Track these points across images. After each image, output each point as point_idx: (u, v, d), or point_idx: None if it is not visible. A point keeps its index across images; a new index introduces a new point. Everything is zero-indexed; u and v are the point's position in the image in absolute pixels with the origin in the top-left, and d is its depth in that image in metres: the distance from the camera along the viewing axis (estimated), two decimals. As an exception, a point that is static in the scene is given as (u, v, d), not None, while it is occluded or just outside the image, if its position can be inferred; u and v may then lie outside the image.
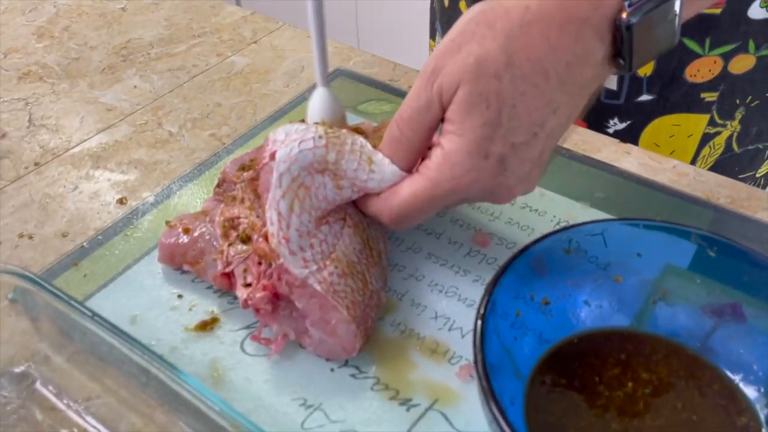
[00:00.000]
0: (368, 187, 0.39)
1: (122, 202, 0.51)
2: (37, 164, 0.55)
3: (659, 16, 0.35)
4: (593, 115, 0.64)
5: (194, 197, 0.50)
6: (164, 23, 0.73)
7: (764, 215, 0.47)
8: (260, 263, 0.39)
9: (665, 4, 0.34)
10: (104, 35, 0.71)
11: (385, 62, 0.65)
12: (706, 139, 0.62)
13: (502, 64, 0.34)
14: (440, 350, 0.40)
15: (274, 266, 0.38)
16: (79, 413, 0.37)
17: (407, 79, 0.62)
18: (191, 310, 0.42)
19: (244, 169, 0.44)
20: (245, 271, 0.40)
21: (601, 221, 0.38)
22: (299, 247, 0.38)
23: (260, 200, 0.40)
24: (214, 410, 0.32)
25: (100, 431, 0.36)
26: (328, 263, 0.38)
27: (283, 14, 0.86)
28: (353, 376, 0.39)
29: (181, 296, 0.43)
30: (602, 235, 0.38)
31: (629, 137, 0.54)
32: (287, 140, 0.39)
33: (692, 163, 0.63)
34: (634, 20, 0.33)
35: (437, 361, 0.39)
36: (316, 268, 0.38)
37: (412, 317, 0.42)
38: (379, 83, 0.61)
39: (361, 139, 0.40)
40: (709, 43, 0.56)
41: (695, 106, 0.60)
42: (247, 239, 0.40)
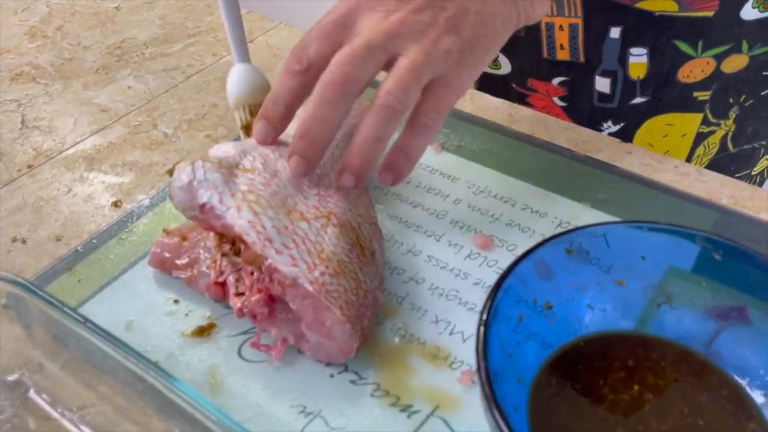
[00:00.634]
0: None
1: (117, 205, 0.50)
2: (30, 167, 0.54)
3: None
4: (587, 118, 0.63)
5: (190, 200, 0.50)
6: (159, 22, 0.72)
7: (768, 215, 0.47)
8: (252, 273, 0.38)
9: None
10: (98, 35, 0.70)
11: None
12: (700, 138, 0.62)
13: None
14: (441, 355, 0.39)
15: (263, 269, 0.37)
16: (73, 422, 0.36)
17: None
18: (188, 315, 0.42)
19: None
20: (238, 280, 0.39)
21: (603, 224, 0.38)
22: (283, 244, 0.38)
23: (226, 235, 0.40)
24: (211, 419, 0.31)
25: (95, 440, 0.35)
26: (318, 263, 0.38)
27: (279, 13, 0.85)
28: (353, 382, 0.38)
29: (177, 301, 0.42)
30: (605, 237, 0.37)
31: (623, 138, 0.54)
32: (195, 183, 0.39)
33: (687, 162, 0.63)
34: None
35: (438, 366, 0.39)
36: (306, 267, 0.37)
37: (412, 321, 0.41)
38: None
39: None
40: (702, 45, 0.56)
41: (688, 105, 0.60)
42: (238, 252, 0.40)
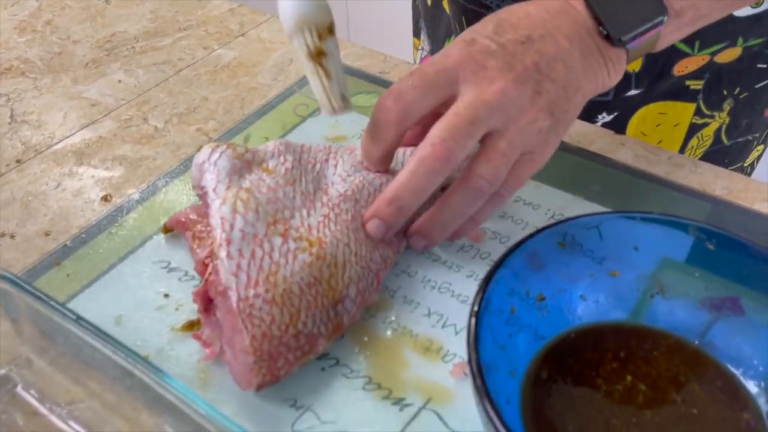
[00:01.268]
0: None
1: (107, 199, 0.50)
2: (18, 161, 0.54)
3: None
4: (582, 111, 0.63)
5: (180, 194, 0.49)
6: (149, 16, 0.71)
7: (762, 206, 0.47)
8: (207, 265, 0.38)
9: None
10: (88, 29, 0.70)
11: (375, 54, 0.64)
12: (693, 129, 0.61)
13: None
14: (433, 348, 0.39)
15: (211, 267, 0.37)
16: (62, 418, 0.36)
17: (398, 71, 0.61)
18: (178, 309, 0.41)
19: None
20: (206, 266, 0.39)
21: (596, 214, 0.37)
22: (239, 250, 0.36)
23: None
24: (200, 414, 0.31)
25: (83, 436, 0.35)
26: (261, 282, 0.35)
27: (270, 6, 0.85)
28: (345, 375, 0.38)
29: (167, 295, 0.42)
30: (598, 228, 0.37)
31: (616, 128, 0.54)
32: (206, 164, 0.41)
33: (680, 153, 0.62)
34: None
35: (430, 359, 0.39)
36: (245, 281, 0.35)
37: (404, 314, 0.41)
38: (369, 76, 0.60)
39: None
40: (698, 44, 0.56)
41: (681, 93, 0.60)
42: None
